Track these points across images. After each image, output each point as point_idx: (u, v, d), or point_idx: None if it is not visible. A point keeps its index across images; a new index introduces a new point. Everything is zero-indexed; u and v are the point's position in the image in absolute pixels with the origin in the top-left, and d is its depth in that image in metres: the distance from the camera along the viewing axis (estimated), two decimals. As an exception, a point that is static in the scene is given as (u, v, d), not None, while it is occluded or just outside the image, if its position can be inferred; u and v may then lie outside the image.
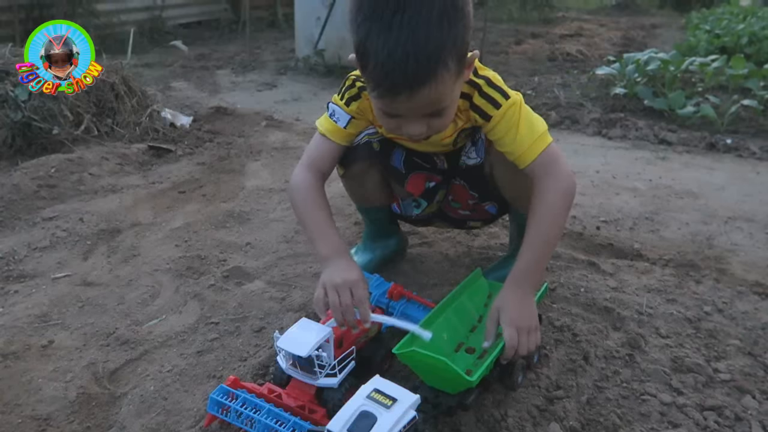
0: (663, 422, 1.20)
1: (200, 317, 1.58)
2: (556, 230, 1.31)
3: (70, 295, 1.69)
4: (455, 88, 1.16)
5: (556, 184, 1.28)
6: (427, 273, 1.75)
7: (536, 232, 1.28)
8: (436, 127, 1.20)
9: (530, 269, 1.28)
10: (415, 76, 1.05)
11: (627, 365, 1.37)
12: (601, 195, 2.35)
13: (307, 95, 4.29)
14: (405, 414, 0.91)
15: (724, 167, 2.75)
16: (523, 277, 1.28)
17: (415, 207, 1.60)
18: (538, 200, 1.28)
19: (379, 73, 1.07)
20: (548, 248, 1.32)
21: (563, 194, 1.29)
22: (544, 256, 1.32)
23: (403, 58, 1.03)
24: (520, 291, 1.27)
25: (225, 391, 1.18)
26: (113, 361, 1.43)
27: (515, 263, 1.29)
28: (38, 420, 1.24)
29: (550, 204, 1.28)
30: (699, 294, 1.66)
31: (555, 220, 1.29)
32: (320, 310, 1.25)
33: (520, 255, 1.29)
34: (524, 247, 1.29)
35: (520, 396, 1.26)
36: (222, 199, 2.31)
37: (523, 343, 1.20)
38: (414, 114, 1.14)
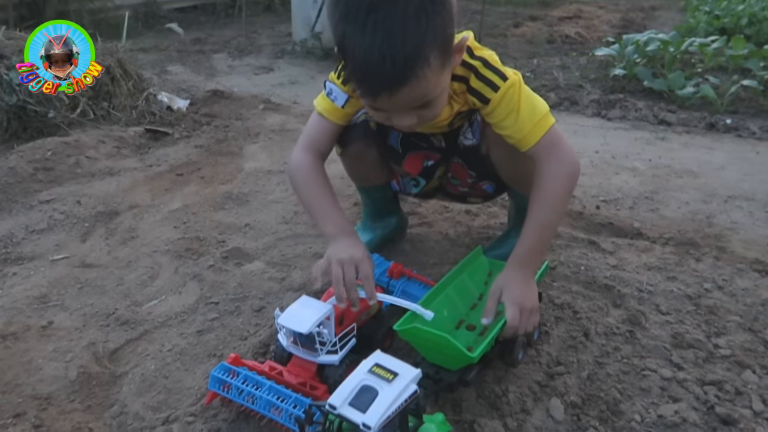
0: (663, 397, 1.21)
1: (200, 297, 1.57)
2: (558, 213, 1.31)
3: (69, 277, 1.68)
4: (442, 79, 1.13)
5: (559, 167, 1.27)
6: (427, 252, 1.75)
7: (539, 214, 1.27)
8: (427, 117, 1.18)
9: (533, 250, 1.28)
10: (393, 77, 1.03)
11: (627, 341, 1.37)
12: (600, 175, 2.34)
13: (304, 78, 4.26)
14: (406, 388, 0.91)
15: (723, 147, 2.74)
16: (525, 258, 1.28)
17: (413, 185, 1.59)
18: (540, 182, 1.27)
19: (357, 75, 1.06)
20: (551, 230, 1.32)
21: (566, 177, 1.28)
22: (546, 238, 1.32)
23: (379, 62, 1.00)
24: (523, 271, 1.26)
25: (226, 368, 1.18)
26: (113, 341, 1.43)
27: (518, 243, 1.29)
28: (39, 399, 1.24)
29: (553, 187, 1.27)
30: (699, 271, 1.66)
31: (557, 203, 1.28)
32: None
33: (523, 236, 1.28)
34: (527, 228, 1.28)
35: (520, 372, 1.27)
36: (220, 181, 2.30)
37: (524, 322, 1.20)
38: (400, 109, 1.13)
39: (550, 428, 1.14)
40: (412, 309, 1.17)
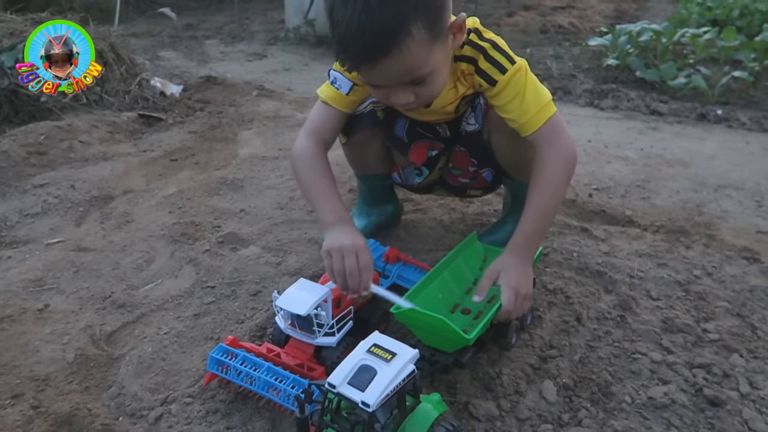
0: (653, 379, 1.23)
1: (196, 281, 1.58)
2: (556, 199, 1.32)
3: (64, 261, 1.68)
4: (434, 55, 1.12)
5: (558, 154, 1.28)
6: (421, 238, 1.76)
7: (537, 201, 1.28)
8: (425, 96, 1.19)
9: (531, 236, 1.30)
10: (372, 48, 1.04)
11: (618, 326, 1.40)
12: (593, 163, 2.37)
13: (297, 65, 4.24)
14: (404, 368, 0.92)
15: (714, 137, 2.77)
16: (523, 244, 1.29)
17: (417, 175, 1.60)
18: (539, 169, 1.28)
19: (339, 45, 1.08)
20: (549, 217, 1.33)
21: (565, 164, 1.29)
22: (544, 225, 1.33)
23: (359, 31, 1.02)
24: (521, 257, 1.28)
25: (224, 350, 1.19)
26: (110, 324, 1.44)
27: (517, 229, 1.30)
28: (37, 380, 1.25)
29: (552, 174, 1.28)
30: (689, 258, 1.68)
31: (556, 190, 1.30)
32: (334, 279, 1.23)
33: (522, 221, 1.30)
34: (526, 214, 1.29)
35: (514, 355, 1.29)
36: (215, 167, 2.29)
37: (518, 307, 1.21)
38: (392, 83, 1.14)
39: (543, 409, 1.16)
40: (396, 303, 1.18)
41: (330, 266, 1.21)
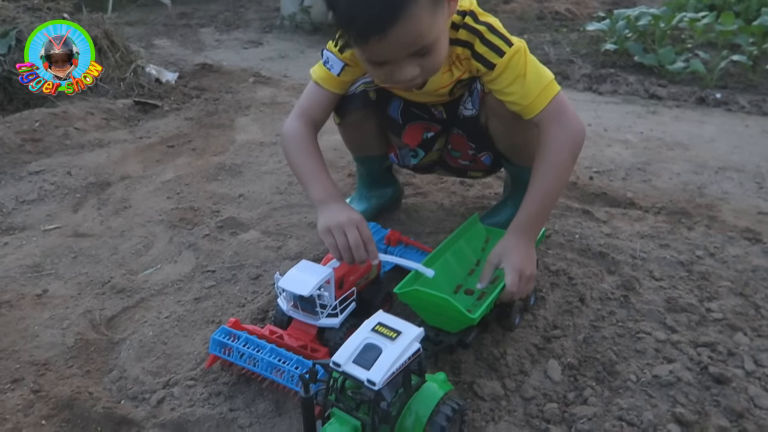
0: (658, 358, 1.23)
1: (196, 266, 1.57)
2: (561, 181, 1.29)
3: (62, 246, 1.66)
4: (436, 22, 1.09)
5: (564, 134, 1.26)
6: (422, 222, 1.75)
7: (541, 182, 1.26)
8: (429, 68, 1.16)
9: (534, 217, 1.28)
10: (380, 17, 1.01)
11: (622, 306, 1.39)
12: (593, 147, 2.35)
13: (294, 53, 4.21)
14: (410, 346, 0.91)
15: (713, 121, 2.76)
16: (526, 225, 1.27)
17: (412, 157, 1.58)
18: (544, 150, 1.26)
19: (343, 20, 1.05)
20: (553, 198, 1.30)
21: (571, 144, 1.27)
22: (548, 205, 1.31)
23: (363, 3, 1.00)
24: (524, 238, 1.26)
25: (226, 332, 1.18)
26: (110, 308, 1.42)
27: (520, 210, 1.28)
28: (37, 365, 1.24)
29: (557, 154, 1.25)
30: (691, 239, 1.68)
31: (561, 171, 1.27)
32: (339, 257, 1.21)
33: (525, 202, 1.28)
34: (529, 194, 1.27)
35: (518, 336, 1.28)
36: (212, 153, 2.27)
37: (521, 288, 1.20)
38: (398, 56, 1.10)
39: (548, 388, 1.15)
40: (413, 268, 1.18)
41: (333, 244, 1.19)
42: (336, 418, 0.92)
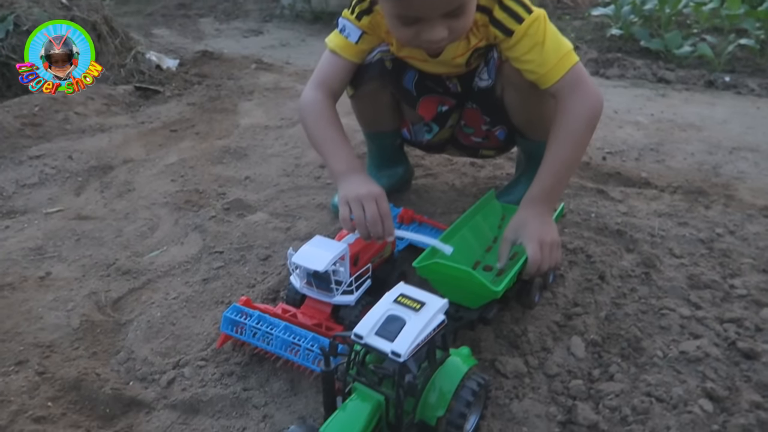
0: (684, 334, 1.19)
1: (203, 247, 1.53)
2: (578, 152, 1.26)
3: (65, 229, 1.62)
4: None
5: (582, 105, 1.22)
6: (433, 202, 1.71)
7: (557, 153, 1.23)
8: (457, 31, 1.13)
9: (549, 188, 1.24)
10: None
11: (643, 283, 1.35)
12: (604, 128, 2.31)
13: (295, 41, 4.16)
14: (434, 317, 0.87)
15: (724, 103, 2.72)
16: (542, 197, 1.24)
17: (426, 132, 1.54)
18: (561, 120, 1.22)
19: None
20: (569, 170, 1.27)
21: (589, 115, 1.23)
22: (564, 178, 1.27)
23: None
24: (539, 209, 1.23)
25: (238, 310, 1.14)
26: (115, 290, 1.38)
27: (533, 183, 1.25)
28: (41, 347, 1.19)
29: (574, 124, 1.22)
30: (709, 218, 1.64)
31: (578, 142, 1.23)
32: (350, 228, 1.18)
33: (539, 175, 1.24)
34: (543, 167, 1.24)
35: (538, 313, 1.24)
36: (216, 137, 2.23)
37: (546, 257, 1.16)
38: (434, 14, 1.07)
39: (573, 365, 1.12)
40: (430, 244, 1.14)
41: (347, 217, 1.16)
42: (357, 394, 0.88)
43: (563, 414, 1.02)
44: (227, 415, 1.04)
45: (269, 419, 1.01)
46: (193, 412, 1.05)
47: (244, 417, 1.03)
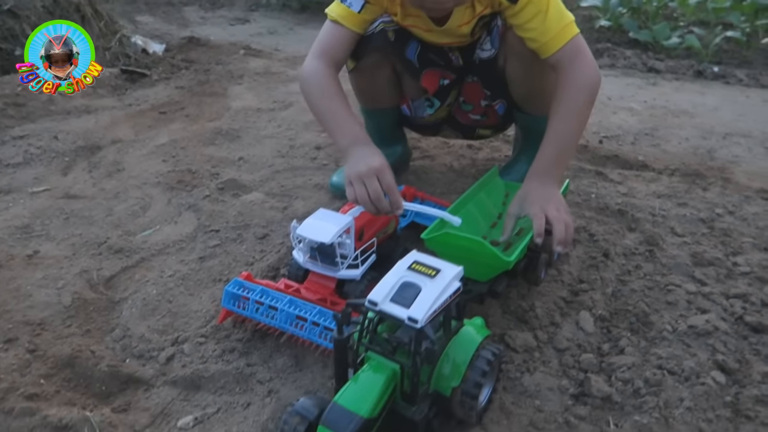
0: (691, 309, 1.18)
1: (198, 226, 1.48)
2: (580, 124, 1.25)
3: (53, 208, 1.56)
4: None
5: (582, 76, 1.22)
6: (432, 183, 1.68)
7: (559, 126, 1.22)
8: None
9: (553, 161, 1.22)
10: None
11: (648, 260, 1.34)
12: (599, 113, 2.31)
13: (282, 29, 4.10)
14: (450, 284, 0.85)
15: (714, 92, 2.74)
16: (545, 170, 1.22)
17: (428, 106, 1.52)
18: (561, 92, 1.22)
19: None
20: (572, 143, 1.26)
21: (589, 87, 1.23)
22: (567, 150, 1.26)
23: None
24: (541, 179, 1.20)
25: (240, 284, 1.10)
26: (108, 268, 1.33)
27: (536, 157, 1.23)
28: (32, 325, 1.14)
29: (576, 96, 1.21)
30: (708, 199, 1.64)
31: (579, 114, 1.23)
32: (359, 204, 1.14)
33: (542, 149, 1.23)
34: (547, 139, 1.23)
35: (544, 290, 1.22)
36: (207, 119, 2.18)
37: (554, 216, 1.10)
38: None
39: (582, 339, 1.10)
40: (438, 216, 1.11)
41: (353, 196, 1.12)
42: (370, 364, 0.85)
43: (575, 387, 1.00)
44: (230, 390, 1.00)
45: (275, 394, 0.98)
46: (195, 389, 1.01)
47: (249, 392, 0.99)
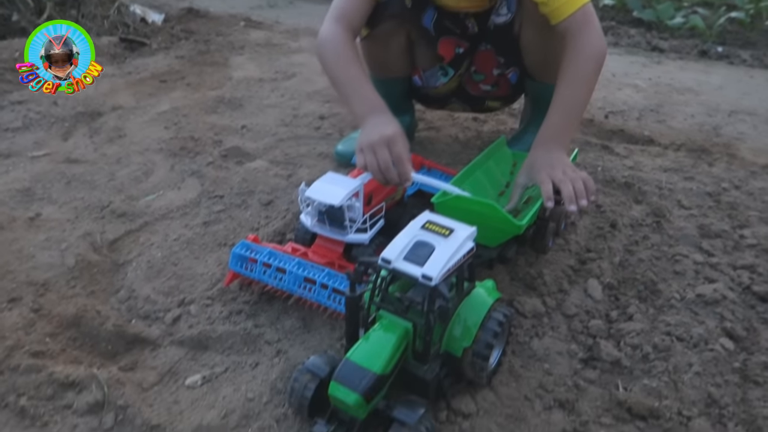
0: (699, 279, 1.18)
1: (202, 192, 1.47)
2: (586, 92, 1.24)
3: (54, 172, 1.54)
4: None
5: (589, 45, 1.21)
6: (438, 154, 1.67)
7: (566, 93, 1.21)
8: None
9: (560, 129, 1.21)
10: None
11: (655, 231, 1.34)
12: (603, 89, 2.29)
13: (283, 2, 4.05)
14: (464, 243, 0.84)
15: (718, 71, 2.72)
16: (552, 137, 1.20)
17: (442, 75, 1.50)
18: (569, 60, 1.21)
19: None
20: (578, 110, 1.25)
21: (596, 58, 1.22)
22: (574, 118, 1.25)
23: None
24: (550, 147, 1.19)
25: (247, 246, 1.09)
26: (111, 232, 1.32)
27: (543, 125, 1.22)
28: (35, 285, 1.13)
29: (582, 64, 1.21)
30: (714, 173, 1.63)
31: (586, 82, 1.22)
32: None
33: (548, 117, 1.22)
34: (554, 107, 1.22)
35: (551, 258, 1.22)
36: (209, 88, 2.15)
37: (560, 179, 1.07)
38: None
39: (590, 306, 1.10)
40: (445, 189, 1.09)
41: (363, 164, 1.11)
42: (382, 323, 0.84)
43: (584, 351, 1.00)
44: (238, 351, 1.00)
45: (283, 354, 0.98)
46: (202, 348, 1.01)
47: (257, 353, 0.99)
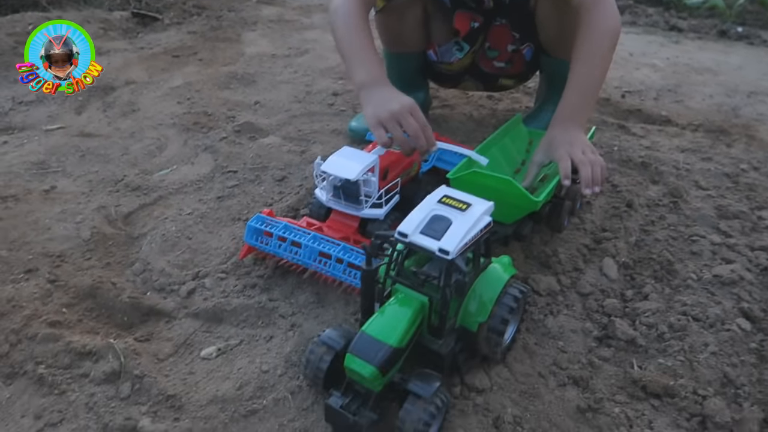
0: (716, 259, 1.17)
1: (216, 167, 1.46)
2: (602, 69, 1.23)
3: (68, 145, 1.54)
4: None
5: (605, 21, 1.21)
6: (452, 132, 1.65)
7: (582, 71, 1.20)
8: None
9: (577, 107, 1.20)
10: None
11: (672, 211, 1.33)
12: (620, 69, 2.26)
13: (294, -21, 4.00)
14: (481, 218, 0.83)
15: (737, 52, 2.67)
16: (569, 115, 1.19)
17: (457, 50, 1.48)
18: (584, 37, 1.20)
19: None
20: (595, 86, 1.24)
21: (611, 34, 1.22)
22: (591, 96, 1.23)
23: None
24: (567, 126, 1.18)
25: (263, 220, 1.09)
26: (126, 205, 1.32)
27: (560, 104, 1.21)
28: (51, 257, 1.14)
29: (598, 41, 1.20)
30: (732, 154, 1.61)
31: (602, 59, 1.21)
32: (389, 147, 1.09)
33: (565, 95, 1.21)
34: (570, 85, 1.20)
35: (567, 237, 1.21)
36: (221, 64, 2.13)
37: (580, 159, 1.07)
38: None
39: (605, 285, 1.09)
40: (467, 155, 1.09)
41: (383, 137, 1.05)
42: (397, 297, 0.84)
43: (599, 330, 1.00)
44: (252, 324, 1.00)
45: (297, 328, 0.98)
46: (217, 321, 1.01)
47: (271, 326, 0.99)
